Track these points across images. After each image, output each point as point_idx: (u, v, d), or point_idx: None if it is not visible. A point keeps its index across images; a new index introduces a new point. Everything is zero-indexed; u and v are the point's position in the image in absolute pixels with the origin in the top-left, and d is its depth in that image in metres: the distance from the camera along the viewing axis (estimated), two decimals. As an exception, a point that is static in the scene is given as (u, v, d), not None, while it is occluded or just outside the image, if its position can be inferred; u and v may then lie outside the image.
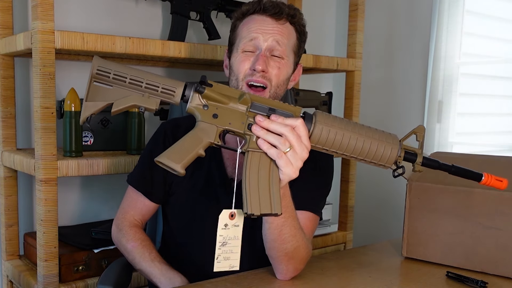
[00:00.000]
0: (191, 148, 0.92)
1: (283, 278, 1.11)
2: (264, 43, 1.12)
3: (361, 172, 2.26)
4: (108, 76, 0.91)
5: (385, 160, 0.95)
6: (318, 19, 2.42)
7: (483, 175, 0.97)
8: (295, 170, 0.93)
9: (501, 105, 2.25)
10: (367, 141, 0.94)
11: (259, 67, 1.10)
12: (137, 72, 0.92)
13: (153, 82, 0.91)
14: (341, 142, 0.94)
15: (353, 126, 0.95)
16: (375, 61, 2.45)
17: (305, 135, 0.93)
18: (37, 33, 1.30)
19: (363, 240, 2.17)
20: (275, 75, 1.13)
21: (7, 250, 1.64)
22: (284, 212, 0.99)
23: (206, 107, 0.93)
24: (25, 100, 1.69)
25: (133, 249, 1.19)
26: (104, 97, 0.92)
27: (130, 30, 1.81)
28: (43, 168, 1.34)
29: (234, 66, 1.16)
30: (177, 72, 1.96)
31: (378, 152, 0.94)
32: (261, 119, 0.93)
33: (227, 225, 0.97)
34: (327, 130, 0.93)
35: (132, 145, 1.58)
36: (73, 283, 1.46)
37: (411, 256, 1.29)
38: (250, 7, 1.16)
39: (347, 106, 2.07)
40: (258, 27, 1.13)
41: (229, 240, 0.97)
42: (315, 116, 0.95)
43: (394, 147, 0.94)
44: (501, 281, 1.14)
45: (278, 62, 1.14)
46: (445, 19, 2.14)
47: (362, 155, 0.95)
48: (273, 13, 1.14)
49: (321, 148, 0.96)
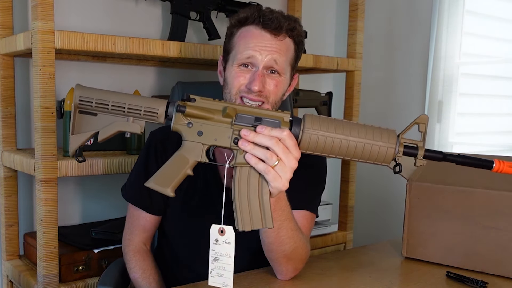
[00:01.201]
0: (178, 170, 0.92)
1: (283, 278, 1.11)
2: (261, 62, 1.09)
3: (361, 172, 2.26)
4: (91, 104, 0.91)
5: (382, 160, 0.92)
6: (318, 19, 2.42)
7: (494, 161, 0.90)
8: (284, 183, 0.90)
9: (501, 105, 2.24)
10: (359, 143, 0.91)
11: (255, 88, 1.08)
12: (118, 97, 0.91)
13: (135, 105, 0.91)
14: (332, 147, 0.91)
15: (344, 127, 0.91)
16: (375, 61, 2.45)
17: (292, 145, 0.89)
18: (37, 33, 1.30)
19: (363, 240, 2.17)
20: (272, 93, 1.11)
21: (7, 250, 1.64)
22: (280, 215, 0.99)
23: (190, 125, 0.92)
24: (25, 100, 1.69)
25: (135, 280, 1.19)
26: (89, 127, 0.93)
27: (130, 30, 1.81)
28: (43, 168, 1.34)
29: (228, 79, 1.13)
30: (177, 72, 1.96)
31: (372, 152, 0.91)
32: (246, 133, 0.90)
33: (218, 241, 0.94)
34: (316, 137, 0.90)
35: (132, 145, 1.58)
36: (73, 283, 1.46)
37: (411, 256, 1.29)
38: (248, 16, 1.12)
39: (347, 106, 2.07)
40: (256, 44, 1.09)
41: (220, 257, 0.94)
42: (303, 122, 0.91)
43: (390, 145, 0.91)
44: (501, 281, 1.14)
45: (275, 79, 1.11)
46: (445, 19, 2.14)
47: (355, 156, 0.92)
48: (272, 28, 1.09)
49: (312, 153, 0.93)
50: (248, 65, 1.11)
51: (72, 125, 0.92)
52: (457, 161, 0.92)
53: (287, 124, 0.91)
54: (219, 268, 0.94)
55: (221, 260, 0.94)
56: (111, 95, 0.91)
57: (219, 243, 0.94)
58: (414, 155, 0.92)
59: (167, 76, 1.95)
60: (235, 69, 1.12)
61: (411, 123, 0.92)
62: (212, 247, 0.95)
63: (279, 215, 0.99)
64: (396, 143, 0.91)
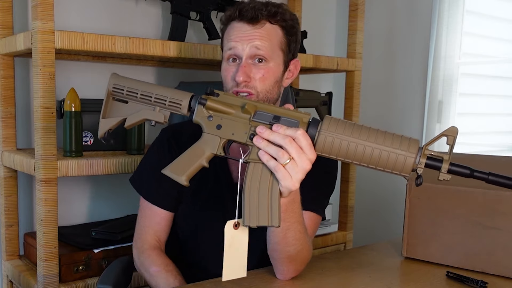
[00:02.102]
0: (194, 160, 0.94)
1: (283, 278, 1.11)
2: (243, 52, 1.11)
3: (361, 172, 2.26)
4: (122, 92, 0.98)
5: (400, 169, 0.87)
6: (318, 19, 2.42)
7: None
8: (294, 183, 0.90)
9: (501, 105, 2.25)
10: (376, 149, 0.88)
11: (239, 79, 1.09)
12: (147, 87, 0.97)
13: (161, 95, 0.96)
14: (347, 150, 0.89)
15: (362, 132, 0.89)
16: (375, 61, 2.45)
17: (306, 145, 0.89)
18: (37, 33, 1.30)
19: (363, 240, 2.17)
20: (259, 81, 1.12)
21: (7, 250, 1.64)
22: (291, 217, 0.99)
23: (211, 118, 0.94)
24: (25, 100, 1.69)
25: (157, 273, 1.16)
26: (118, 113, 0.99)
27: (130, 30, 1.81)
28: (43, 168, 1.34)
29: (222, 75, 1.17)
30: (177, 72, 1.96)
31: (390, 160, 0.87)
32: (262, 130, 0.90)
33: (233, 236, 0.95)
34: (331, 139, 0.89)
35: (132, 145, 1.58)
36: (73, 283, 1.46)
37: (411, 256, 1.29)
38: (231, 13, 1.15)
39: (347, 106, 2.07)
40: (236, 35, 1.12)
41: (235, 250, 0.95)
42: (321, 124, 0.90)
43: (410, 155, 0.86)
44: (501, 281, 1.14)
45: (262, 67, 1.12)
46: (445, 19, 2.14)
47: (372, 163, 0.89)
48: (249, 18, 1.11)
49: (327, 156, 0.92)
50: (235, 59, 1.13)
51: (104, 110, 0.99)
52: (487, 179, 0.86)
53: (305, 125, 0.91)
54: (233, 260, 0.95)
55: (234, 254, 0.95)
56: (141, 84, 0.97)
57: (233, 237, 0.95)
58: (437, 168, 0.87)
59: (167, 76, 1.95)
60: (224, 65, 1.15)
61: (439, 135, 0.87)
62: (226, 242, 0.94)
63: (290, 216, 0.99)
64: (418, 153, 0.87)
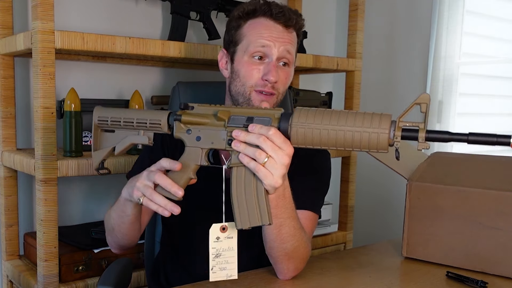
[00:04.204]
0: (181, 175, 0.96)
1: (284, 277, 1.11)
2: (275, 53, 1.12)
3: (361, 172, 2.26)
4: (107, 122, 1.02)
5: (376, 147, 0.86)
6: (318, 19, 2.42)
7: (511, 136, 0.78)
8: (276, 180, 0.90)
9: (501, 105, 2.25)
10: (348, 132, 0.87)
11: (272, 79, 1.10)
12: (128, 113, 1.01)
13: (141, 119, 0.99)
14: (320, 138, 0.89)
15: (332, 117, 0.88)
16: (375, 61, 2.45)
17: (281, 142, 0.89)
18: (37, 33, 1.30)
19: (363, 240, 2.17)
20: (282, 84, 1.15)
21: (7, 250, 1.64)
22: (283, 213, 0.99)
23: (189, 131, 0.96)
24: (25, 100, 1.69)
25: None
26: (108, 143, 1.04)
27: (130, 30, 1.81)
28: (43, 168, 1.34)
29: (241, 71, 1.14)
30: (177, 72, 1.96)
31: (363, 140, 0.86)
32: (237, 133, 0.91)
33: (219, 238, 0.96)
34: (303, 130, 0.89)
35: (132, 145, 1.58)
36: (73, 283, 1.46)
37: (411, 256, 1.29)
38: (257, 8, 1.14)
39: (347, 106, 2.07)
40: (270, 34, 1.12)
41: (223, 252, 0.97)
42: (292, 117, 0.90)
43: (382, 131, 0.85)
44: (501, 281, 1.14)
45: (285, 71, 1.15)
46: (445, 19, 2.14)
47: (348, 146, 0.89)
48: (284, 21, 1.13)
49: (304, 147, 0.92)
50: (261, 56, 1.13)
51: (94, 142, 1.05)
52: (468, 140, 0.82)
53: (277, 120, 0.92)
54: (221, 263, 0.96)
55: (223, 255, 0.96)
56: (123, 112, 1.02)
57: (221, 240, 0.96)
58: (415, 138, 0.85)
59: (167, 76, 1.95)
60: (246, 60, 1.13)
61: (411, 104, 0.85)
62: (211, 245, 0.96)
63: (281, 212, 0.99)
64: (390, 127, 0.86)
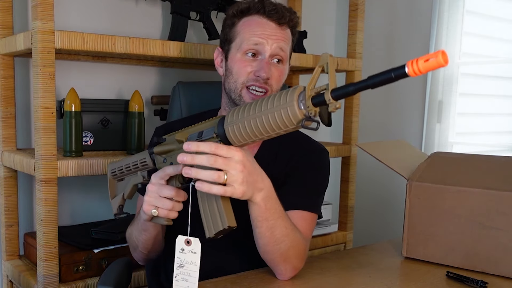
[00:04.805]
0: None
1: (283, 278, 1.11)
2: (268, 50, 1.13)
3: (361, 172, 2.26)
4: (115, 173, 1.15)
5: (290, 122, 0.83)
6: (318, 19, 2.42)
7: (406, 65, 0.75)
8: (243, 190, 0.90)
9: (501, 105, 2.25)
10: (263, 116, 0.85)
11: (264, 75, 1.12)
12: (125, 161, 1.13)
13: (133, 162, 1.10)
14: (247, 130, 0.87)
15: (252, 108, 0.87)
16: (375, 61, 2.45)
17: (227, 152, 0.89)
18: (37, 33, 1.30)
19: (363, 240, 2.17)
20: (276, 81, 1.15)
21: (7, 250, 1.64)
22: (272, 214, 1.00)
23: (165, 160, 1.04)
24: (25, 100, 1.69)
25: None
26: (120, 190, 1.16)
27: (130, 30, 1.81)
28: (43, 168, 1.34)
29: (234, 68, 1.16)
30: (177, 72, 1.96)
31: (278, 119, 0.84)
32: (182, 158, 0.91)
33: (183, 250, 0.99)
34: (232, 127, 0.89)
35: (132, 145, 1.58)
36: (73, 283, 1.46)
37: (411, 256, 1.29)
38: (250, 6, 1.15)
39: (347, 106, 2.07)
40: (263, 32, 1.13)
41: (186, 264, 0.99)
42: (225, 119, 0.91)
43: (289, 104, 0.82)
44: (501, 281, 1.14)
45: (279, 68, 1.15)
46: (445, 19, 2.14)
47: (269, 130, 0.86)
48: (276, 18, 1.14)
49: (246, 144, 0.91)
50: (254, 53, 1.14)
51: (111, 192, 1.17)
52: (369, 84, 0.79)
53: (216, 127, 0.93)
54: (184, 274, 1.00)
55: (186, 267, 0.99)
56: (122, 161, 1.14)
57: (185, 252, 0.99)
58: (324, 102, 0.80)
59: (167, 76, 1.95)
60: (239, 58, 1.15)
61: (315, 70, 0.82)
62: (177, 255, 0.99)
63: (271, 214, 0.99)
64: (298, 99, 0.82)
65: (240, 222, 0.96)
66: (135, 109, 1.58)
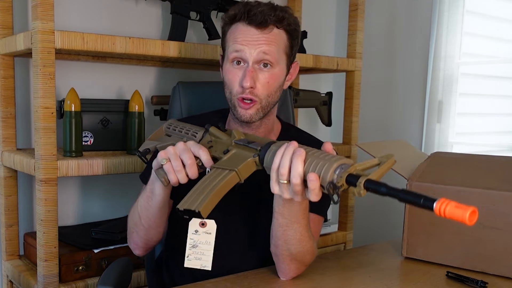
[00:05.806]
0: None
1: (285, 277, 1.11)
2: (250, 56, 1.10)
3: (361, 172, 2.26)
4: (170, 127, 1.17)
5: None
6: (318, 19, 2.42)
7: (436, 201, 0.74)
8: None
9: (501, 105, 2.25)
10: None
11: (246, 84, 1.10)
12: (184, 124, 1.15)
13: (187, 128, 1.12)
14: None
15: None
16: (375, 61, 2.45)
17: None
18: (37, 33, 1.30)
19: (363, 240, 2.17)
20: (264, 88, 1.12)
21: (7, 250, 1.64)
22: (288, 215, 1.00)
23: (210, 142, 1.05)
24: (25, 100, 1.69)
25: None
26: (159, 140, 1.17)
27: (130, 30, 1.81)
28: (43, 168, 1.34)
29: (225, 77, 1.16)
30: (177, 72, 1.96)
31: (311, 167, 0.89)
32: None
33: (197, 231, 1.03)
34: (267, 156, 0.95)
35: (132, 145, 1.58)
36: (73, 283, 1.46)
37: (411, 256, 1.29)
38: (237, 12, 1.13)
39: (347, 106, 2.07)
40: (243, 39, 1.11)
41: (200, 244, 1.04)
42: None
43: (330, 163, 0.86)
44: (501, 281, 1.14)
45: (267, 73, 1.12)
46: (445, 19, 2.14)
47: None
48: (257, 23, 1.10)
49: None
50: (240, 61, 1.13)
51: (154, 135, 1.19)
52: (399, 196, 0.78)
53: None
54: (197, 253, 1.04)
55: (199, 247, 1.04)
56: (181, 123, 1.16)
57: (199, 233, 1.03)
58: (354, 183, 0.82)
59: (167, 76, 1.95)
60: (228, 67, 1.15)
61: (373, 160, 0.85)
62: (189, 236, 1.02)
63: (287, 213, 1.00)
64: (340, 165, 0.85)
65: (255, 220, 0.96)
66: (135, 109, 1.58)
